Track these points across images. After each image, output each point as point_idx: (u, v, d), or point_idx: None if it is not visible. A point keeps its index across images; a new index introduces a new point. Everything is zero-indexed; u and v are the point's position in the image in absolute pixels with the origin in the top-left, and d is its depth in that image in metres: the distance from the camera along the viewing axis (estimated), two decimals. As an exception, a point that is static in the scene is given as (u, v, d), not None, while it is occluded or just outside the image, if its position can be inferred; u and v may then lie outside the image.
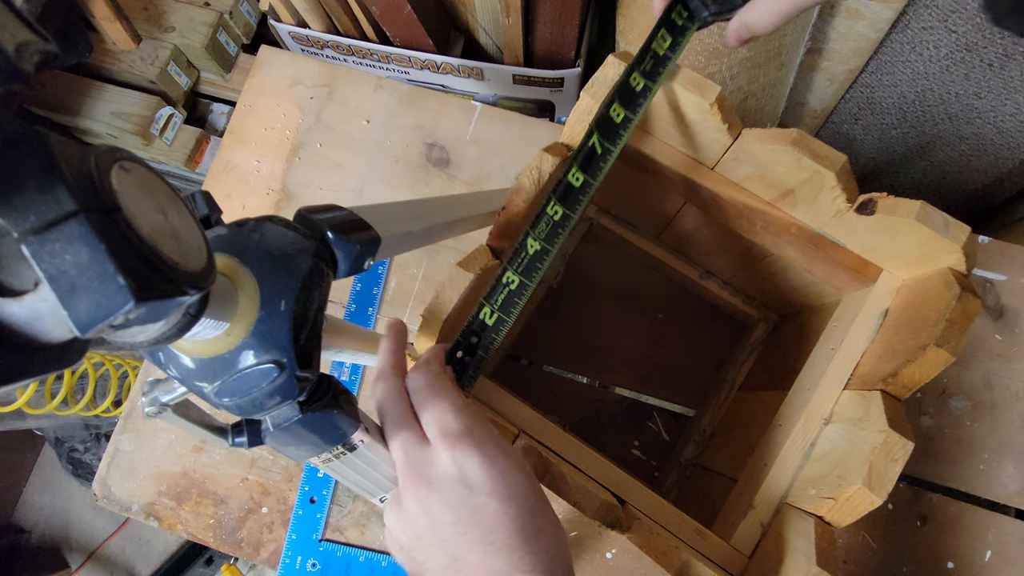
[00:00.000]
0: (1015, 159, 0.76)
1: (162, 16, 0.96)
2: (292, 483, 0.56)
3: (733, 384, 0.55)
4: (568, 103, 0.93)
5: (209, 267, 0.18)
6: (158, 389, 0.26)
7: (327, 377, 0.26)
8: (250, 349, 0.22)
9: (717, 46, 0.66)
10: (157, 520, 0.56)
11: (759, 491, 0.37)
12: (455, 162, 0.63)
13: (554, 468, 0.33)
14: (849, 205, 0.35)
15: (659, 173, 0.42)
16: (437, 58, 0.88)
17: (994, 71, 0.66)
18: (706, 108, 0.35)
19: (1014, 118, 0.71)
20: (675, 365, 0.61)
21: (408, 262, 0.61)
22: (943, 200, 0.87)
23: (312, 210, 0.27)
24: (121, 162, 0.16)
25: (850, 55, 0.74)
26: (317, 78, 0.66)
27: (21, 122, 0.14)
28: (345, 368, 0.59)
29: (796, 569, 0.31)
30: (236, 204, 0.63)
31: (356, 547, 0.55)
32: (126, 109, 0.94)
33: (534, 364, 0.61)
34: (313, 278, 0.24)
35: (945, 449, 0.54)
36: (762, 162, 0.37)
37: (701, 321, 0.61)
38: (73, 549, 1.31)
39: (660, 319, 0.62)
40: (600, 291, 0.62)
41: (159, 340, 0.19)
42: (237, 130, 0.65)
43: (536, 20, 0.80)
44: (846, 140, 0.88)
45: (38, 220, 0.14)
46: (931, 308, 0.33)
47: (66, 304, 0.14)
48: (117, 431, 0.58)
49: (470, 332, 0.31)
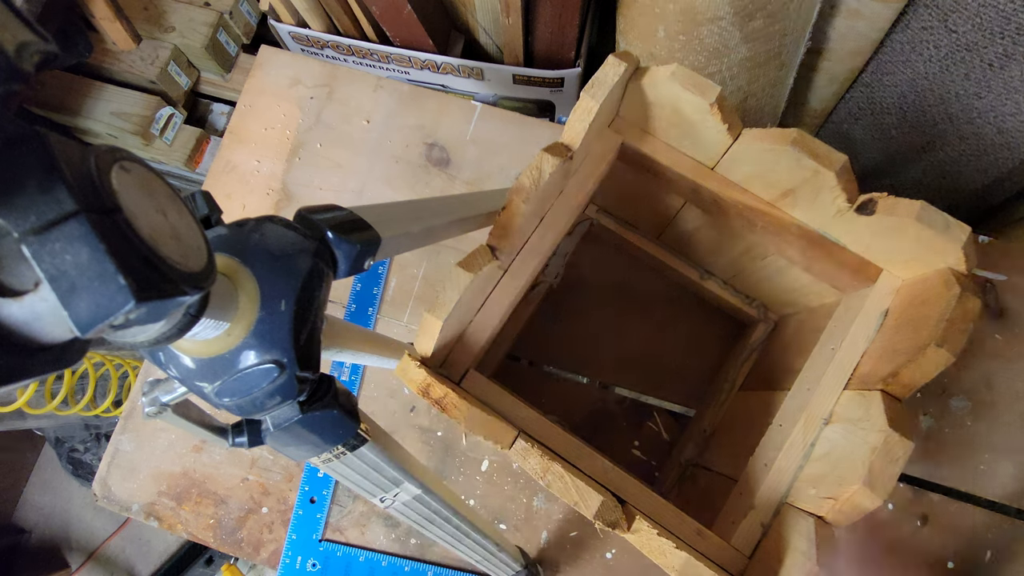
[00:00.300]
0: (1015, 159, 0.76)
1: (162, 16, 0.96)
2: (292, 483, 0.56)
3: (733, 384, 0.55)
4: (568, 103, 0.93)
5: (209, 267, 0.18)
6: (158, 389, 0.26)
7: (327, 377, 0.26)
8: (250, 349, 0.22)
9: (717, 46, 0.66)
10: (157, 520, 0.56)
11: (759, 491, 0.37)
12: (455, 162, 0.63)
13: (554, 468, 0.33)
14: (849, 205, 0.35)
15: (659, 173, 0.42)
16: (437, 58, 0.88)
17: (994, 71, 0.66)
18: (706, 108, 0.35)
19: (1014, 118, 0.71)
20: (675, 365, 0.61)
21: (408, 262, 0.61)
22: (943, 200, 0.87)
23: (312, 210, 0.27)
24: (121, 162, 0.16)
25: (850, 55, 0.74)
26: (317, 78, 0.66)
27: (21, 122, 0.14)
28: (345, 368, 0.59)
29: (796, 569, 0.31)
30: (236, 204, 0.63)
31: (356, 547, 0.55)
32: (126, 109, 0.94)
33: (534, 364, 0.61)
34: (313, 278, 0.24)
35: (945, 449, 0.54)
36: (762, 162, 0.37)
37: (701, 321, 0.61)
38: (73, 549, 1.31)
39: (660, 319, 0.62)
40: (600, 291, 0.62)
41: (159, 340, 0.19)
42: (237, 130, 0.65)
43: (536, 20, 0.80)
44: (846, 140, 0.88)
45: (38, 220, 0.14)
46: (931, 308, 0.33)
47: (66, 304, 0.14)
48: (117, 431, 0.58)
49: None
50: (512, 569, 0.44)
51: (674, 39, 0.67)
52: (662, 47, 0.70)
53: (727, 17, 0.62)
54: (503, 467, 0.56)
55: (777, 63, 0.71)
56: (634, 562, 0.54)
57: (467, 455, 0.57)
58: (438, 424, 0.57)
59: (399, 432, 0.57)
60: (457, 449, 0.57)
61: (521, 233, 0.38)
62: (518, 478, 0.56)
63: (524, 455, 0.33)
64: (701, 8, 0.62)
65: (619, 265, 0.62)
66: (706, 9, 0.62)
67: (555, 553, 0.54)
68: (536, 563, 0.51)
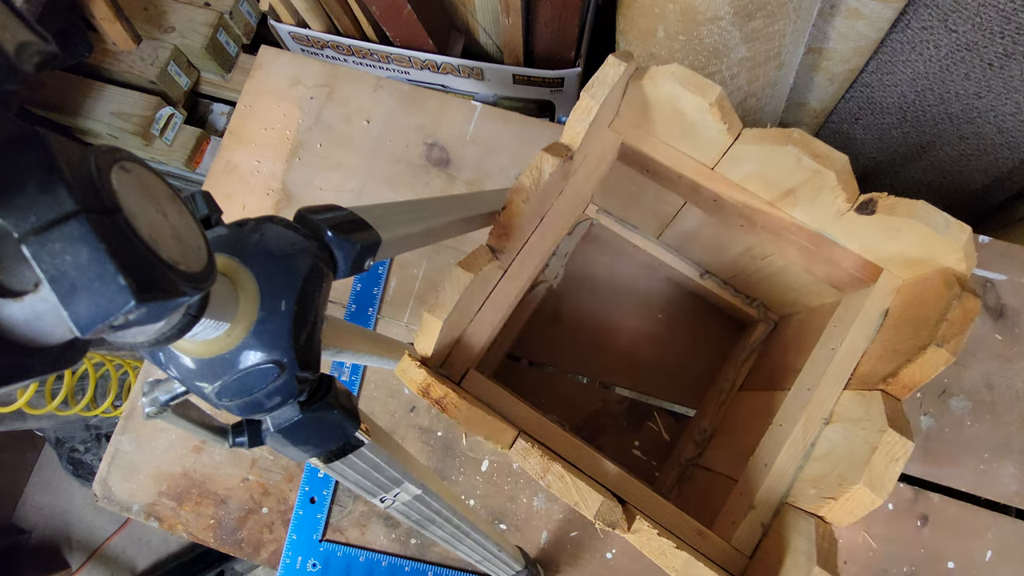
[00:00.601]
0: (1015, 159, 0.76)
1: (162, 16, 0.96)
2: (292, 483, 0.56)
3: (733, 384, 0.55)
4: (568, 103, 0.93)
5: (209, 267, 0.18)
6: (158, 389, 0.26)
7: (327, 377, 0.26)
8: (250, 349, 0.22)
9: (717, 46, 0.66)
10: (157, 520, 0.56)
11: (759, 491, 0.37)
12: (455, 162, 0.63)
13: (554, 468, 0.33)
14: (849, 205, 0.35)
15: (659, 173, 0.42)
16: (437, 58, 0.88)
17: (994, 71, 0.66)
18: (706, 108, 0.35)
19: (1014, 118, 0.71)
20: (675, 365, 0.61)
21: (408, 262, 0.61)
22: (943, 200, 0.87)
23: (312, 210, 0.27)
24: (121, 162, 0.16)
25: (850, 55, 0.74)
26: (317, 78, 0.66)
27: (21, 122, 0.14)
28: (345, 368, 0.59)
29: (796, 569, 0.31)
30: (236, 204, 0.63)
31: (356, 547, 0.55)
32: (126, 109, 0.94)
33: (534, 364, 0.61)
34: (313, 278, 0.24)
35: (945, 449, 0.54)
36: (762, 162, 0.37)
37: (701, 321, 0.61)
38: (73, 549, 1.31)
39: (660, 319, 0.62)
40: (600, 291, 0.62)
41: (159, 340, 0.19)
42: (237, 130, 0.65)
43: (536, 20, 0.80)
44: (846, 140, 0.88)
45: (38, 220, 0.14)
46: (931, 308, 0.33)
47: (66, 304, 0.14)
48: (117, 431, 0.58)
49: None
50: (512, 569, 0.44)
51: (674, 39, 0.67)
52: (662, 47, 0.70)
53: (727, 17, 0.62)
54: (503, 467, 0.56)
55: (777, 63, 0.71)
56: (634, 562, 0.54)
57: (467, 455, 0.57)
58: (438, 424, 0.57)
59: (399, 432, 0.57)
60: (457, 449, 0.57)
61: (521, 233, 0.38)
62: (518, 478, 0.56)
63: (524, 455, 0.33)
64: (701, 8, 0.62)
65: (619, 265, 0.62)
66: (706, 9, 0.62)
67: (555, 553, 0.54)
68: (536, 563, 0.51)
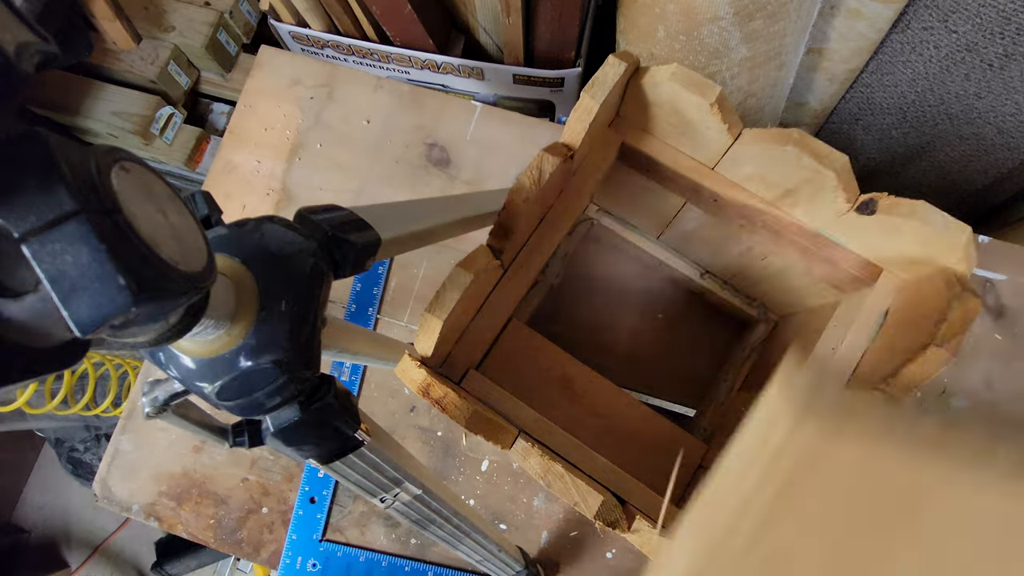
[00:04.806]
0: (1015, 159, 0.76)
1: (162, 16, 0.96)
2: (292, 483, 0.56)
3: (733, 384, 0.55)
4: (568, 103, 0.93)
5: (209, 267, 0.18)
6: (158, 389, 0.26)
7: (327, 377, 0.26)
8: (250, 349, 0.22)
9: (717, 46, 0.66)
10: (157, 520, 0.56)
11: (759, 491, 0.37)
12: (455, 162, 0.63)
13: (554, 468, 0.33)
14: (849, 205, 0.35)
15: (659, 173, 0.42)
16: (437, 58, 0.88)
17: (994, 71, 0.66)
18: (706, 108, 0.35)
19: (1014, 118, 0.71)
20: (675, 365, 0.61)
21: (408, 262, 0.61)
22: (943, 200, 0.87)
23: (312, 210, 0.27)
24: (121, 162, 0.16)
25: (850, 55, 0.74)
26: (317, 78, 0.66)
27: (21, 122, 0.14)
28: (345, 368, 0.59)
29: None
30: (236, 204, 0.63)
31: (356, 547, 0.55)
32: (126, 109, 0.94)
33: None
34: (313, 278, 0.24)
35: (945, 449, 0.54)
36: (762, 162, 0.37)
37: (701, 321, 0.61)
38: (73, 549, 1.31)
39: (660, 319, 0.62)
40: (600, 291, 0.62)
41: (159, 340, 0.19)
42: (237, 130, 0.65)
43: (537, 20, 0.80)
44: (846, 140, 0.88)
45: (38, 220, 0.14)
46: (931, 308, 0.33)
47: (66, 305, 0.14)
48: (117, 431, 0.58)
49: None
50: (512, 569, 0.44)
51: (674, 39, 0.67)
52: (662, 47, 0.70)
53: (727, 17, 0.62)
54: (503, 467, 0.56)
55: (777, 63, 0.71)
56: (634, 562, 0.54)
57: (467, 455, 0.57)
58: (438, 424, 0.57)
59: (399, 432, 0.57)
60: (457, 449, 0.57)
61: (521, 233, 0.38)
62: (518, 478, 0.56)
63: (524, 455, 0.33)
64: (701, 8, 0.62)
65: (619, 265, 0.62)
66: (706, 9, 0.62)
67: (555, 553, 0.54)
68: (536, 563, 0.51)
